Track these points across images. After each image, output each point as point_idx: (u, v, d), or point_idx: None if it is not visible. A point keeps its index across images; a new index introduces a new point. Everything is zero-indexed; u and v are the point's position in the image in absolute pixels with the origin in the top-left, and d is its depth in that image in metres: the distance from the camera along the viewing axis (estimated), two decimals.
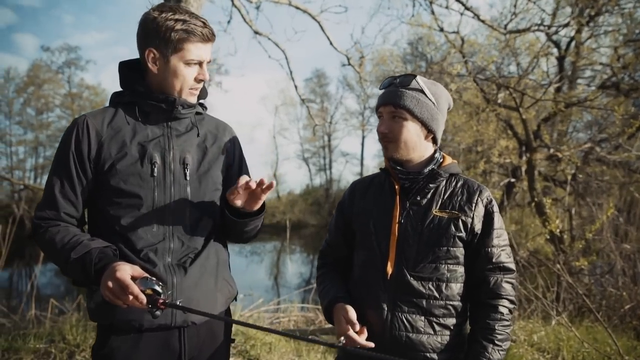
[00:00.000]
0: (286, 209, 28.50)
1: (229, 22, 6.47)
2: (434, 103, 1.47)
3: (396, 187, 1.48)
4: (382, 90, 1.52)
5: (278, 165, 34.88)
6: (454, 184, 1.50)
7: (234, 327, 4.31)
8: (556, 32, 7.99)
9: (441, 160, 1.52)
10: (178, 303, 1.35)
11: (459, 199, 1.46)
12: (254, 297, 6.55)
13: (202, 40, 1.43)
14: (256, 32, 6.07)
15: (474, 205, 1.45)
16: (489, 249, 1.44)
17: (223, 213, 1.52)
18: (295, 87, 7.02)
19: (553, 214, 6.63)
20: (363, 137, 33.84)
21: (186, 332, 1.45)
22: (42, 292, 9.27)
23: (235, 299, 1.63)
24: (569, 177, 7.48)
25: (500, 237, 1.46)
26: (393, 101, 1.44)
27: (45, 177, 1.49)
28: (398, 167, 1.49)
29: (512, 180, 9.11)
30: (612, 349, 3.74)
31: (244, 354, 4.05)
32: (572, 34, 8.27)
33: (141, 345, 1.41)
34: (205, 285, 1.46)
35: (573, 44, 8.71)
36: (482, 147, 9.40)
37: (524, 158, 8.23)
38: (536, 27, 7.52)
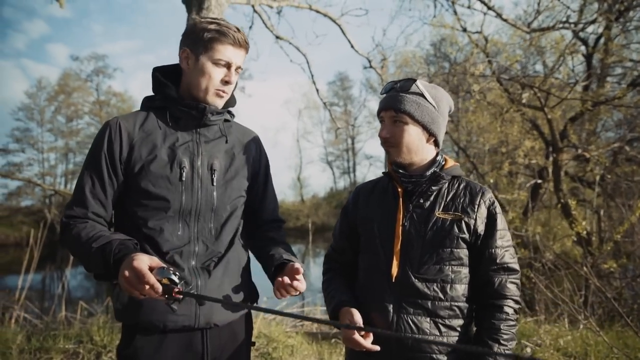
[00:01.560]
0: (310, 212, 28.55)
1: (250, 27, 6.60)
2: (434, 106, 1.48)
3: (399, 190, 1.50)
4: (384, 95, 1.54)
5: (302, 168, 35.14)
6: (456, 186, 1.51)
7: (256, 329, 4.36)
8: (583, 29, 7.78)
9: (443, 162, 1.53)
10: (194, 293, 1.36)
11: (461, 200, 1.47)
12: (277, 300, 6.58)
13: (233, 44, 1.47)
14: (278, 37, 6.17)
15: (476, 206, 1.45)
16: (493, 250, 1.44)
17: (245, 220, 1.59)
18: (317, 90, 7.07)
19: (579, 215, 6.45)
20: None
21: (209, 333, 1.47)
22: (73, 294, 9.60)
23: (257, 302, 1.65)
24: (597, 178, 7.26)
25: (504, 238, 1.46)
26: (394, 106, 1.46)
27: (75, 183, 1.51)
28: (400, 171, 1.51)
29: (539, 181, 8.90)
30: None
31: (266, 357, 4.07)
32: (600, 30, 8.03)
33: (165, 345, 1.43)
34: (228, 288, 1.49)
35: (602, 40, 8.45)
36: (506, 148, 9.22)
37: (550, 159, 8.03)
38: (561, 25, 7.35)
